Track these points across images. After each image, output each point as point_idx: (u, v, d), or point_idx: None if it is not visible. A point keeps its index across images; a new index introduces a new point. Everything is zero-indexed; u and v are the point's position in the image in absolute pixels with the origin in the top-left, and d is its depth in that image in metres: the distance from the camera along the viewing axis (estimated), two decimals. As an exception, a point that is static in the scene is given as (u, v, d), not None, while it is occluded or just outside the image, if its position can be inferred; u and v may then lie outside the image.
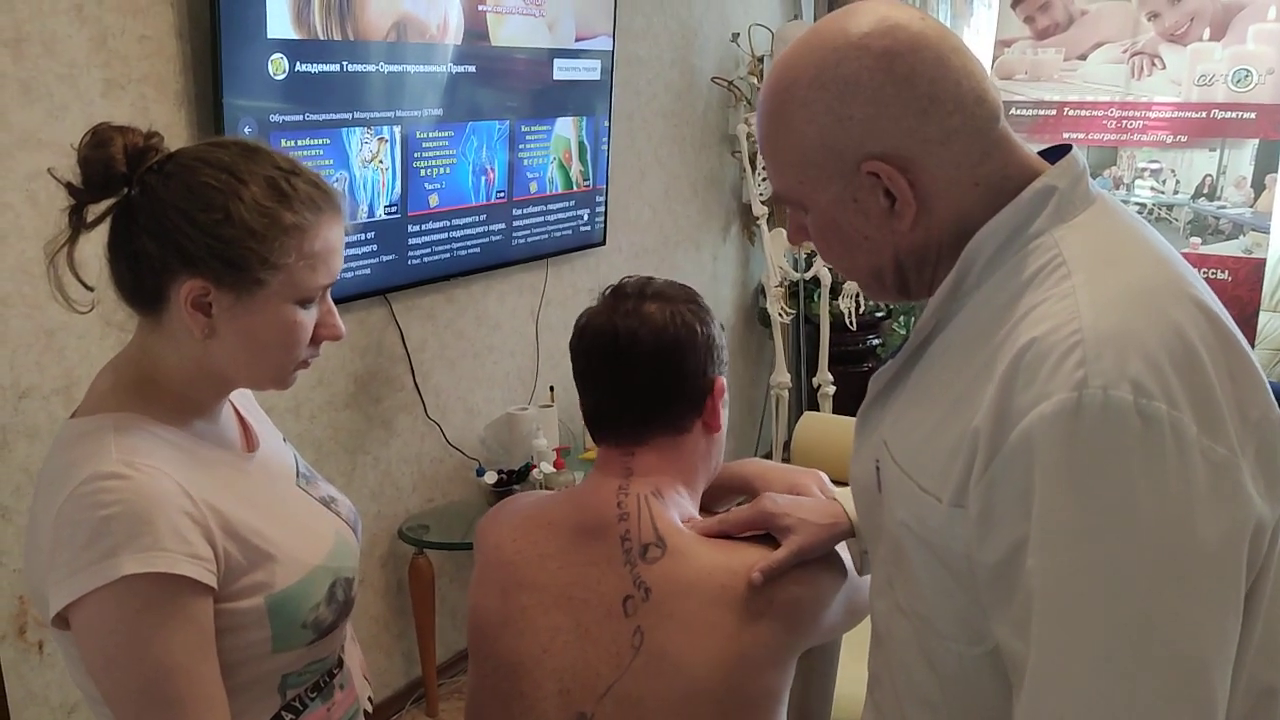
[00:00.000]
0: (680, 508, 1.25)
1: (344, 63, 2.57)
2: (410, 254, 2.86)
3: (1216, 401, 0.83)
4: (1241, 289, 3.74)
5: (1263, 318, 3.84)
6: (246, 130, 2.34)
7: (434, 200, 2.92)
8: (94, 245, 1.10)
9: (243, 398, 1.25)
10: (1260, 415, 0.87)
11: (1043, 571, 0.82)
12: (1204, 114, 3.84)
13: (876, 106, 0.92)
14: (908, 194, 0.93)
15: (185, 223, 1.03)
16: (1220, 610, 0.82)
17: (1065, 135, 4.06)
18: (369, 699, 1.28)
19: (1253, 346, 3.99)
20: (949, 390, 0.93)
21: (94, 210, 1.07)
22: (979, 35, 4.61)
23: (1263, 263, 3.74)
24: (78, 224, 1.07)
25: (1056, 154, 0.99)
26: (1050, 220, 0.93)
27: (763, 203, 4.08)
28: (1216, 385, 0.83)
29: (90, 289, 1.08)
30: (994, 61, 4.23)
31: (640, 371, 1.23)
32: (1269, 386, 0.91)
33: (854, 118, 0.92)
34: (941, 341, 0.98)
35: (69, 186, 1.06)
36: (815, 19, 4.46)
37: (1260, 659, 0.89)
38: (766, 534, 1.24)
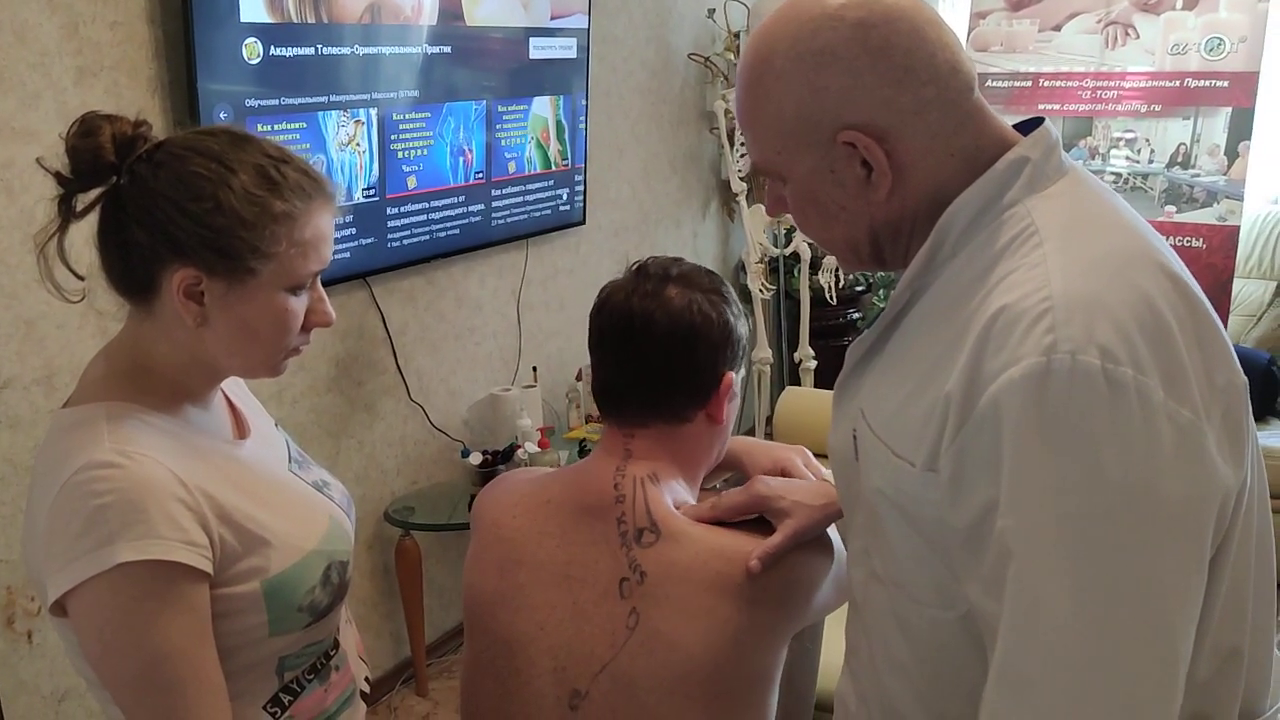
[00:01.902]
0: (675, 493, 1.25)
1: (318, 46, 2.55)
2: (389, 236, 2.85)
3: (1183, 367, 0.85)
4: (1216, 256, 3.77)
5: (1237, 284, 3.88)
6: (222, 116, 2.33)
7: (412, 182, 2.91)
8: (83, 233, 1.09)
9: (234, 385, 1.25)
10: (1226, 381, 0.89)
11: (1013, 532, 0.84)
12: (1177, 83, 3.86)
13: (852, 77, 0.93)
14: (884, 164, 0.94)
15: (176, 212, 1.03)
16: (1184, 571, 0.84)
17: (1041, 106, 4.07)
18: (366, 679, 1.29)
19: (1228, 312, 4.03)
20: (924, 358, 0.94)
21: (83, 199, 1.07)
22: (954, 8, 4.62)
23: (1237, 230, 3.77)
24: (67, 213, 1.06)
25: (1030, 127, 1.00)
26: (1023, 191, 0.95)
27: (741, 179, 4.08)
28: (1184, 351, 0.85)
29: (81, 279, 1.08)
30: (969, 33, 4.24)
31: (649, 357, 1.21)
32: (1234, 353, 0.93)
33: (830, 88, 0.94)
34: (917, 311, 0.99)
35: (57, 176, 1.06)
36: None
37: (1225, 621, 0.92)
38: (758, 516, 1.25)
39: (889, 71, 0.93)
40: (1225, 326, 4.25)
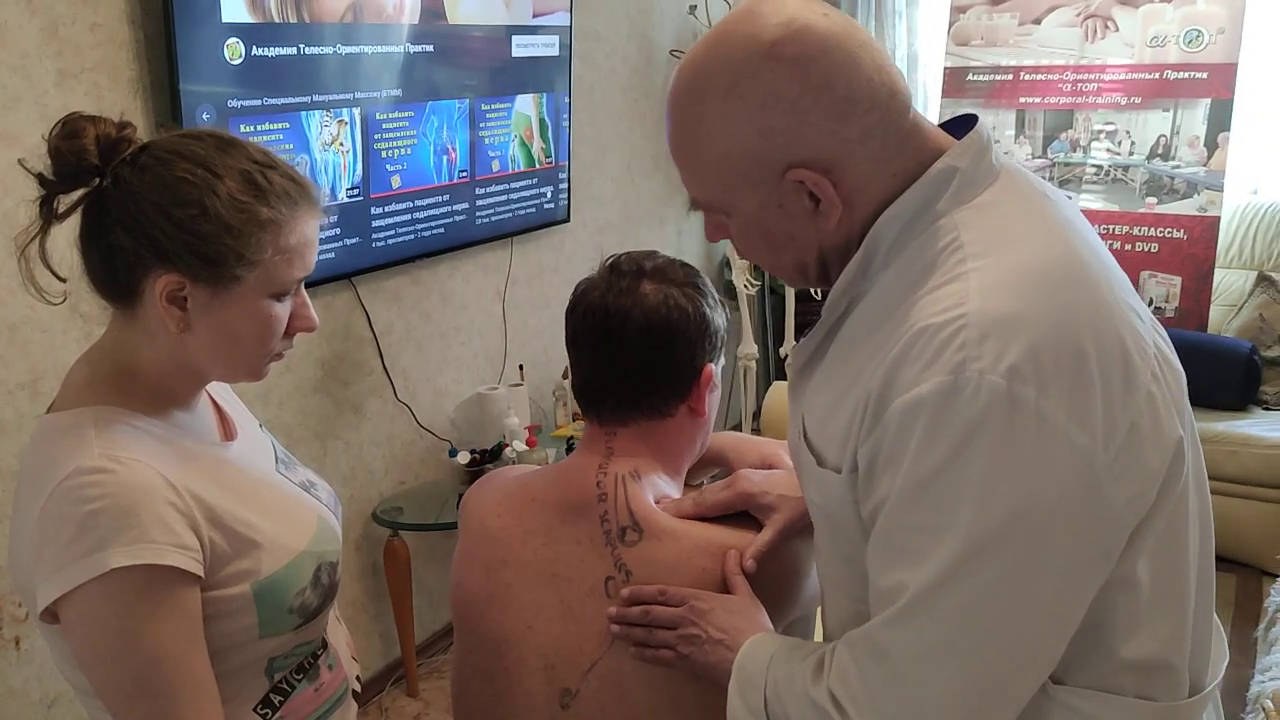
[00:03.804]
0: (657, 489, 1.25)
1: (300, 45, 2.54)
2: (374, 236, 2.85)
3: (1090, 387, 0.86)
4: (1197, 247, 3.79)
5: (1218, 274, 3.90)
6: (204, 117, 2.32)
7: (396, 181, 2.90)
8: (66, 235, 1.08)
9: (219, 387, 1.25)
10: (1143, 394, 0.90)
11: (904, 530, 0.89)
12: (1157, 75, 3.88)
13: (796, 115, 0.92)
14: (833, 196, 0.95)
15: (160, 218, 1.02)
16: (1058, 584, 0.88)
17: (1022, 100, 4.09)
18: (357, 678, 1.28)
19: (1210, 303, 4.04)
20: (853, 369, 0.96)
21: (65, 201, 1.06)
22: (935, 1, 4.63)
23: (1217, 220, 3.80)
24: (49, 215, 1.05)
25: (966, 121, 1.01)
26: (952, 201, 0.95)
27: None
28: (1095, 371, 0.87)
29: (63, 280, 1.07)
30: (950, 27, 4.25)
31: (627, 355, 1.21)
32: (1164, 359, 0.95)
33: (775, 128, 0.92)
34: (854, 319, 1.00)
35: (39, 177, 1.05)
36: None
37: (1157, 609, 0.95)
38: (742, 511, 1.25)
39: (833, 105, 0.92)
40: (1207, 317, 4.20)
